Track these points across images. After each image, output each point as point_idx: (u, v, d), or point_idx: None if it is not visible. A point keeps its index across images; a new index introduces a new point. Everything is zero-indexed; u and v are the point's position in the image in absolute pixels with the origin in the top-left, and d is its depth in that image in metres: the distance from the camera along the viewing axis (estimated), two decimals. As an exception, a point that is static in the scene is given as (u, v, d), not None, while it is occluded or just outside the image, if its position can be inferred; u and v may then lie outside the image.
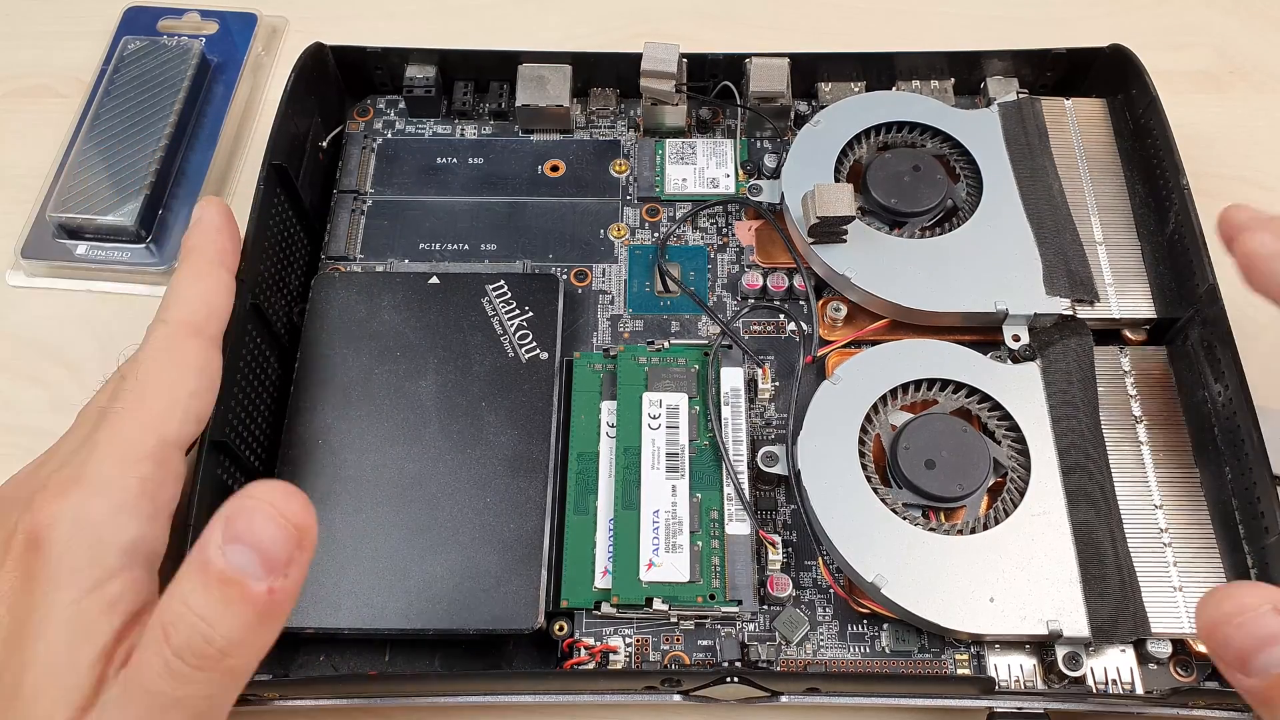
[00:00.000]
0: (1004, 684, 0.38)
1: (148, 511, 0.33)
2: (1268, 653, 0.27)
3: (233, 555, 0.26)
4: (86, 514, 0.31)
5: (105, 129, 0.51)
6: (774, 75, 0.49)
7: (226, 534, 0.27)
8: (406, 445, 0.41)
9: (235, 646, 0.27)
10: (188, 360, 0.36)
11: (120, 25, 0.56)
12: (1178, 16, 0.58)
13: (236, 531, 0.27)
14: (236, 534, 0.27)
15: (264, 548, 0.27)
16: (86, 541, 0.31)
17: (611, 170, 0.50)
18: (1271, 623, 0.27)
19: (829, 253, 0.44)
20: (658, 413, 0.42)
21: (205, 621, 0.26)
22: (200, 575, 0.27)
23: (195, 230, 0.39)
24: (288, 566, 0.27)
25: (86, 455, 0.33)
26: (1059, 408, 0.41)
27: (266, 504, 0.27)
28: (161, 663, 0.27)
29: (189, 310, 0.37)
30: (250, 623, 0.27)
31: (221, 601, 0.26)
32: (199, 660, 0.27)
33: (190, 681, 0.27)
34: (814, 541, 0.40)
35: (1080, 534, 0.38)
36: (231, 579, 0.26)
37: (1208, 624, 0.29)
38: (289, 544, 0.27)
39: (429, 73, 0.51)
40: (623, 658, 0.38)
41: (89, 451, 0.33)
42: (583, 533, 0.40)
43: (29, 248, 0.49)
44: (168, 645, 0.27)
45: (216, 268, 0.38)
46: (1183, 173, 0.43)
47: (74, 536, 0.31)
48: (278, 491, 0.27)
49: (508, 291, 0.44)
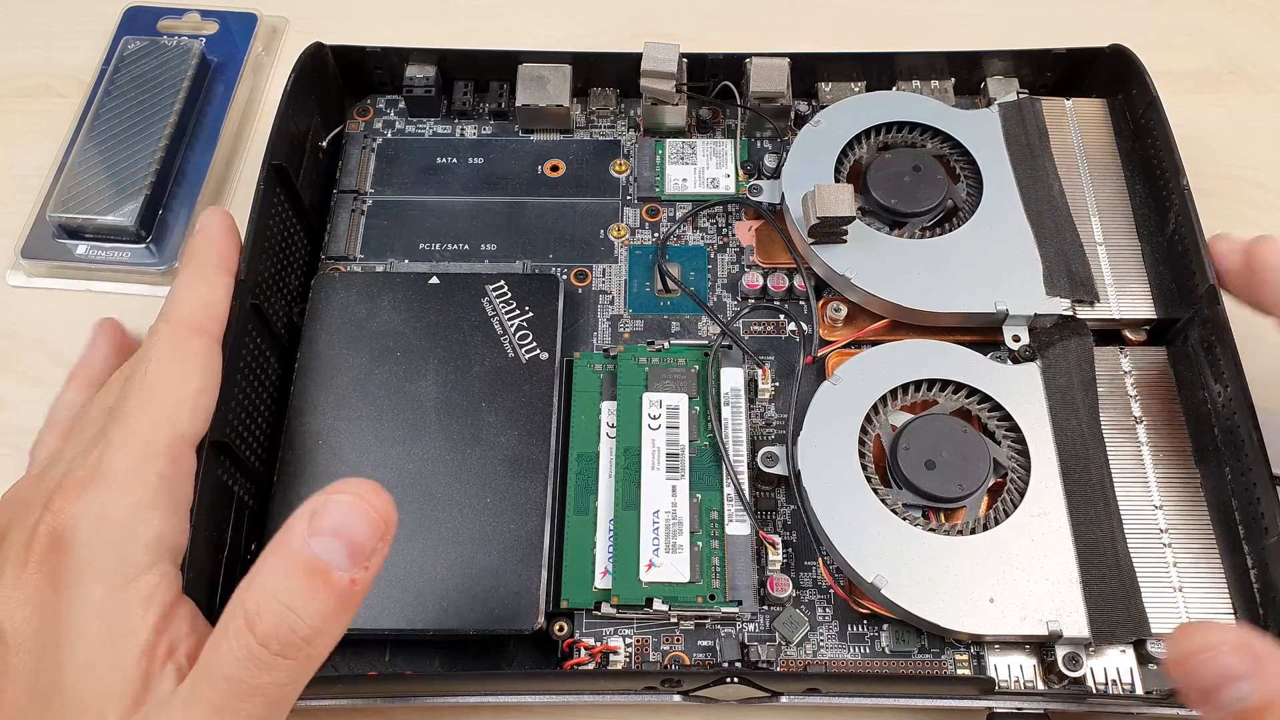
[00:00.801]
0: (1004, 684, 0.38)
1: (169, 506, 0.33)
2: (1230, 688, 0.29)
3: (320, 546, 0.27)
4: (110, 511, 0.32)
5: (105, 129, 0.51)
6: (774, 75, 0.49)
7: (313, 526, 0.28)
8: (406, 445, 0.41)
9: (318, 635, 0.28)
10: (193, 358, 0.36)
11: (120, 25, 0.56)
12: (1178, 16, 0.58)
13: (324, 524, 0.28)
14: (324, 526, 0.28)
15: (353, 538, 0.28)
16: (113, 538, 0.31)
17: (611, 170, 0.50)
18: (1232, 661, 0.29)
19: (829, 253, 0.44)
20: (658, 413, 0.42)
21: (292, 610, 0.27)
22: (287, 565, 0.28)
23: (199, 237, 0.40)
24: (370, 557, 0.28)
25: (102, 453, 0.33)
26: (1059, 408, 0.41)
27: (357, 497, 0.28)
28: (245, 651, 0.27)
29: (191, 311, 0.38)
30: (332, 612, 0.28)
31: (308, 590, 0.27)
32: (284, 648, 0.27)
33: (273, 669, 0.28)
34: (814, 542, 0.40)
35: (1080, 534, 0.38)
36: (318, 568, 0.27)
37: (1174, 659, 0.30)
38: (375, 535, 0.28)
39: (429, 73, 0.51)
40: (623, 658, 0.38)
41: (104, 449, 0.33)
42: (583, 533, 0.40)
43: (29, 248, 0.49)
44: (252, 634, 0.27)
45: (218, 272, 0.39)
46: (1183, 173, 0.43)
47: (100, 534, 0.31)
48: (365, 486, 0.28)
49: (508, 291, 0.44)
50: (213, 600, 0.37)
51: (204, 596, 0.36)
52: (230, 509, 0.38)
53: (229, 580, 0.38)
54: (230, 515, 0.38)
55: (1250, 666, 0.29)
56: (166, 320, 0.37)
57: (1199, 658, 0.29)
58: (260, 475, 0.40)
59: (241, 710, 0.28)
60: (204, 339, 0.37)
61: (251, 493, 0.40)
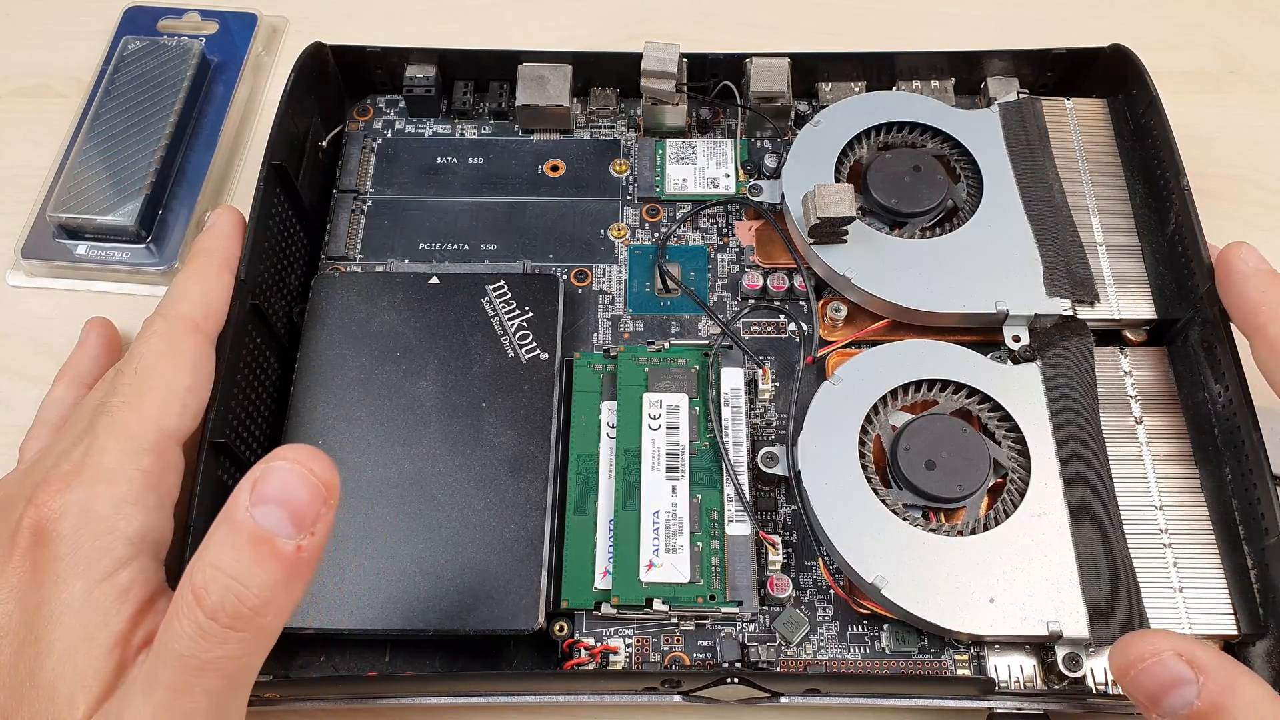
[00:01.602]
0: (1004, 685, 0.38)
1: (152, 502, 0.33)
2: (1174, 694, 0.29)
3: (262, 515, 0.27)
4: (93, 505, 0.32)
5: (105, 129, 0.51)
6: (774, 75, 0.49)
7: (255, 496, 0.27)
8: (406, 445, 0.41)
9: (267, 605, 0.27)
10: (185, 355, 0.36)
11: (120, 25, 0.56)
12: (1178, 16, 0.58)
13: (265, 493, 0.27)
14: (265, 495, 0.27)
15: (293, 506, 0.27)
16: (95, 532, 0.31)
17: (611, 170, 0.50)
18: (1175, 667, 0.29)
19: (829, 253, 0.44)
20: (658, 413, 0.42)
21: (238, 581, 0.27)
22: (231, 537, 0.27)
23: (208, 234, 0.41)
24: (315, 524, 0.28)
25: (88, 448, 0.33)
26: (1059, 408, 0.41)
27: (294, 463, 0.27)
28: (194, 626, 0.27)
29: (189, 307, 0.38)
30: (281, 580, 0.27)
31: (253, 560, 0.27)
32: (233, 620, 0.27)
33: (224, 642, 0.27)
34: (814, 542, 0.40)
35: (1080, 535, 0.38)
36: (262, 538, 0.27)
37: (1118, 668, 0.31)
38: (316, 500, 0.27)
39: (429, 72, 0.51)
40: (623, 658, 0.38)
41: (90, 444, 0.33)
42: (583, 533, 0.40)
43: (29, 248, 0.49)
44: (200, 608, 0.27)
45: (222, 271, 0.40)
46: (1183, 173, 0.43)
47: (82, 528, 0.31)
48: (303, 452, 0.28)
49: (508, 292, 0.44)
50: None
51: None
52: None
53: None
54: None
55: (1191, 672, 0.29)
56: (163, 315, 0.37)
57: (1140, 666, 0.30)
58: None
59: (198, 686, 0.28)
60: (198, 336, 0.37)
61: (251, 493, 0.40)
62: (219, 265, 0.39)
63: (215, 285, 0.39)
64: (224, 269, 0.40)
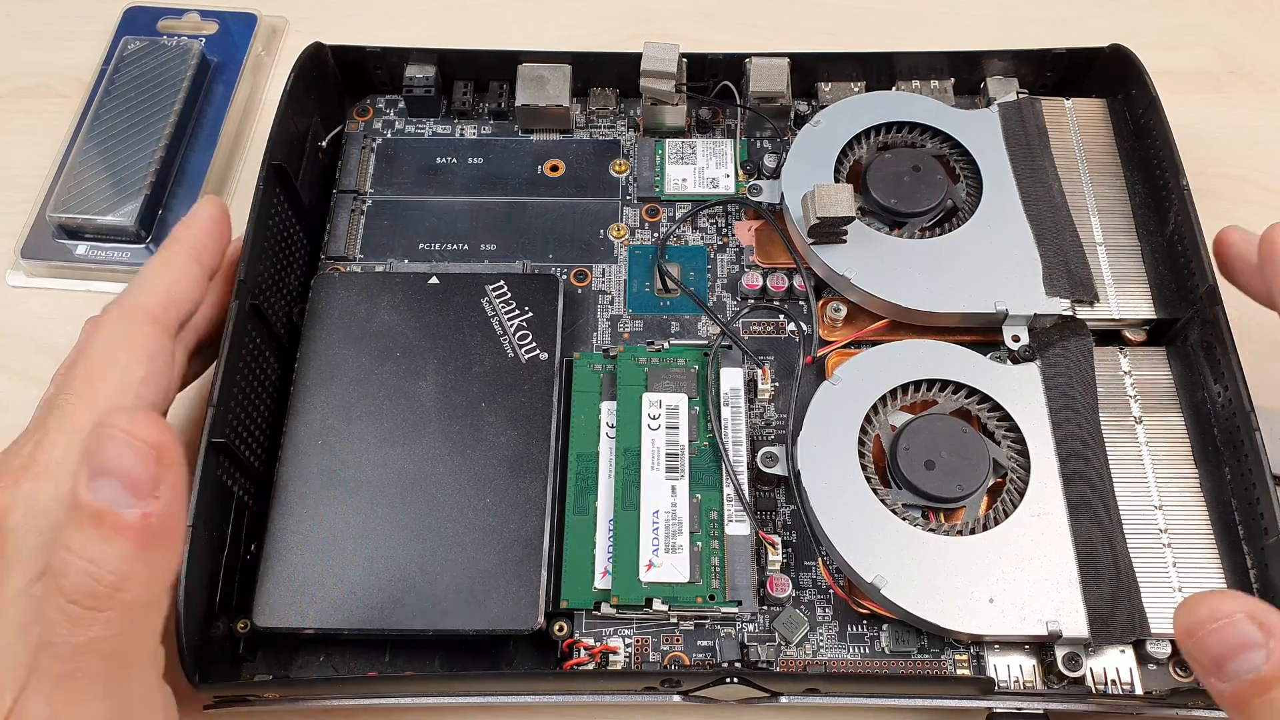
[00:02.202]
0: (1003, 684, 0.38)
1: None
2: (1241, 658, 0.28)
3: (98, 490, 0.26)
4: (37, 501, 0.31)
5: (105, 129, 0.51)
6: (774, 75, 0.49)
7: (89, 471, 0.27)
8: (406, 445, 0.41)
9: (124, 579, 0.27)
10: (139, 346, 0.35)
11: (120, 25, 0.56)
12: (1178, 16, 0.58)
13: (97, 466, 0.27)
14: (97, 468, 0.27)
15: (127, 473, 0.27)
16: (37, 528, 0.31)
17: (611, 170, 0.50)
18: (1245, 630, 0.28)
19: (829, 253, 0.44)
20: (657, 413, 0.42)
21: (89, 560, 0.27)
22: (75, 518, 0.27)
23: (182, 223, 0.39)
24: (155, 488, 0.27)
25: (37, 443, 0.32)
26: (1059, 408, 0.41)
27: (118, 430, 0.27)
28: (60, 613, 0.27)
29: (148, 296, 0.36)
30: (132, 552, 0.27)
31: (99, 538, 0.27)
32: (92, 600, 0.27)
33: (90, 624, 0.27)
34: (814, 542, 0.40)
35: (1080, 534, 0.38)
36: (102, 512, 0.26)
37: (1184, 629, 0.30)
38: (147, 464, 0.27)
39: (429, 73, 0.51)
40: (622, 658, 0.38)
41: (40, 439, 0.33)
42: (582, 533, 0.40)
43: (29, 248, 0.49)
44: (61, 594, 0.27)
45: (189, 261, 0.38)
46: (1183, 173, 0.43)
47: (26, 524, 0.31)
48: (125, 415, 0.27)
49: (508, 292, 0.44)
50: (213, 599, 0.37)
51: (204, 596, 0.36)
52: (230, 509, 0.38)
53: (229, 580, 0.38)
54: (230, 515, 0.38)
55: (1261, 636, 0.28)
56: (119, 304, 0.36)
57: (1211, 628, 0.29)
58: (260, 475, 0.40)
59: (79, 672, 0.27)
60: (154, 326, 0.36)
61: (251, 493, 0.40)
62: (187, 255, 0.38)
63: (180, 275, 0.37)
64: (192, 260, 0.38)
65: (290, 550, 0.38)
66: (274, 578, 0.38)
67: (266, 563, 0.38)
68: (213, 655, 0.37)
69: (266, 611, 0.37)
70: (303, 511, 0.39)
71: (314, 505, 0.39)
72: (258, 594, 0.38)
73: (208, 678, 0.35)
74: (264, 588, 0.38)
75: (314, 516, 0.39)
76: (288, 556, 0.38)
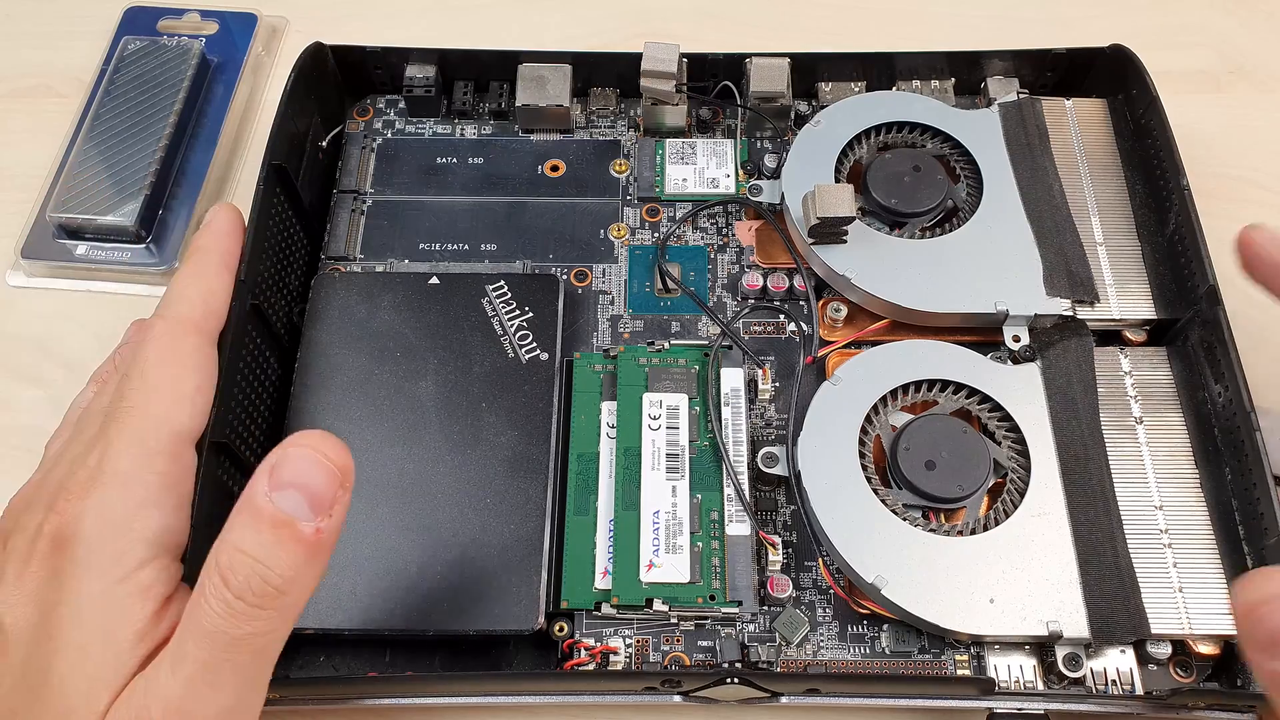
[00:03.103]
0: (1004, 685, 0.38)
1: (170, 503, 0.34)
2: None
3: (281, 500, 0.28)
4: (111, 509, 0.32)
5: (105, 129, 0.51)
6: (774, 75, 0.49)
7: (273, 481, 0.28)
8: (406, 445, 0.41)
9: (290, 584, 0.29)
10: (188, 356, 0.37)
11: (120, 25, 0.56)
12: (1178, 16, 0.58)
13: (283, 478, 0.28)
14: (283, 480, 0.28)
15: (311, 489, 0.28)
16: (113, 535, 0.32)
17: (611, 170, 0.50)
18: None
19: (829, 253, 0.44)
20: (658, 413, 0.42)
21: (262, 563, 0.28)
22: (253, 522, 0.28)
23: (205, 232, 0.41)
24: (332, 506, 0.29)
25: (103, 453, 0.33)
26: (1059, 409, 0.41)
27: (310, 449, 0.29)
28: (223, 604, 0.28)
29: (189, 308, 0.38)
30: (302, 561, 0.29)
31: (275, 543, 0.28)
32: (259, 599, 0.28)
33: (251, 620, 0.28)
34: (814, 542, 0.40)
35: (1080, 535, 0.38)
36: (283, 521, 0.28)
37: (1245, 605, 0.29)
38: (332, 484, 0.29)
39: (429, 72, 0.51)
40: (623, 658, 0.38)
41: (104, 449, 0.34)
42: (583, 533, 0.40)
43: (29, 248, 0.49)
44: (228, 588, 0.28)
45: (220, 269, 0.40)
46: (1183, 173, 0.43)
47: (101, 531, 0.32)
48: (317, 437, 0.29)
49: (508, 292, 0.44)
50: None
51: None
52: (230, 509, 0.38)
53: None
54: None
55: None
56: (163, 317, 0.37)
57: (1268, 606, 0.28)
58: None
59: (227, 661, 0.29)
60: (199, 337, 0.37)
61: (251, 493, 0.40)
62: (217, 264, 0.39)
63: (214, 284, 0.39)
64: (222, 268, 0.39)
65: (290, 550, 0.38)
66: (274, 578, 0.38)
67: (267, 563, 0.38)
68: (213, 655, 0.36)
69: (267, 612, 0.37)
70: (303, 512, 0.39)
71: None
72: (258, 594, 0.38)
73: (208, 678, 0.35)
74: (264, 588, 0.38)
75: (314, 517, 0.39)
76: (288, 557, 0.38)
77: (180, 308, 0.38)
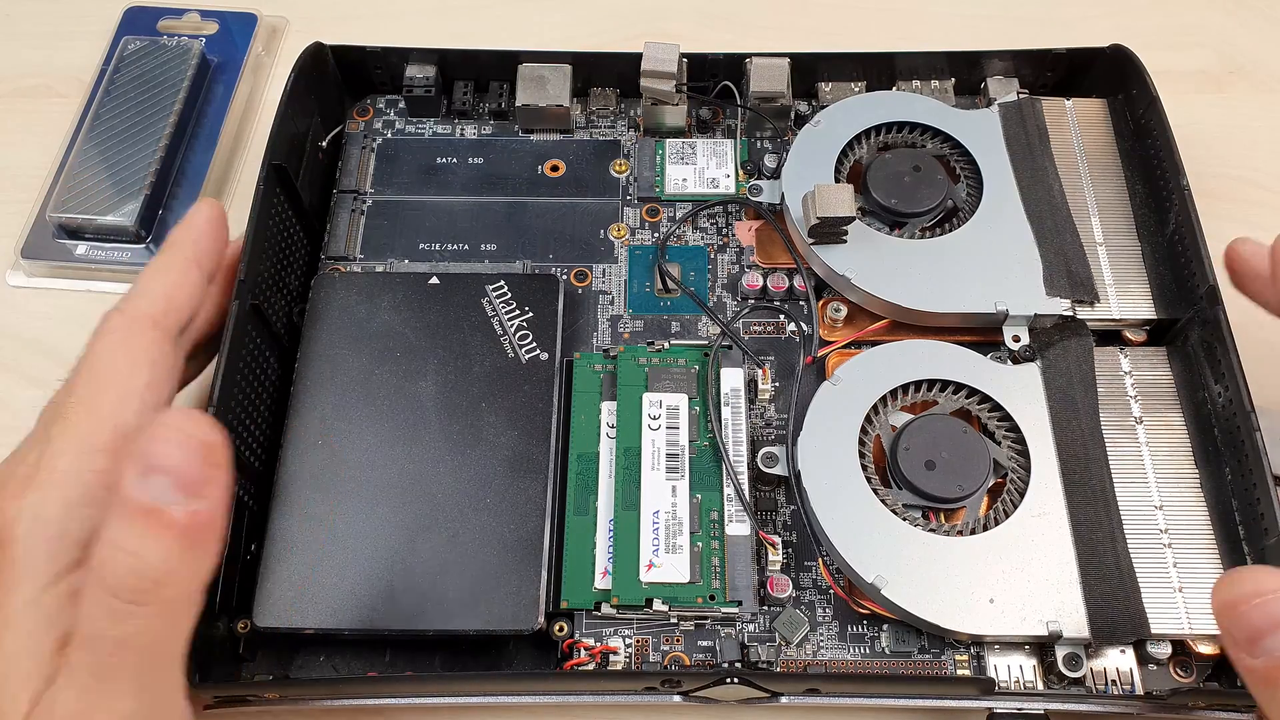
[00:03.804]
0: (1004, 685, 0.38)
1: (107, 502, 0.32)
2: (1276, 635, 0.28)
3: (148, 487, 0.27)
4: (44, 510, 0.31)
5: (105, 129, 0.51)
6: (774, 75, 0.49)
7: (138, 469, 0.27)
8: (406, 445, 0.40)
9: (168, 575, 0.27)
10: (142, 352, 0.35)
11: (120, 25, 0.56)
12: (1178, 16, 0.58)
13: (147, 463, 0.27)
14: (147, 466, 0.27)
15: (177, 472, 0.27)
16: (44, 537, 0.31)
17: (611, 170, 0.50)
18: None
19: (829, 253, 0.44)
20: (658, 413, 0.42)
21: (134, 555, 0.27)
22: (121, 513, 0.27)
23: (178, 226, 0.39)
24: (203, 487, 0.27)
25: (42, 452, 0.32)
26: (1059, 408, 0.41)
27: (174, 428, 0.27)
28: (102, 606, 0.27)
29: (149, 302, 0.36)
30: (176, 549, 0.27)
31: (146, 533, 0.27)
32: (135, 594, 0.27)
33: (131, 618, 0.27)
34: (814, 542, 0.40)
35: (1080, 535, 0.38)
36: (150, 509, 0.27)
37: (1223, 603, 0.29)
38: (199, 463, 0.27)
39: (429, 72, 0.51)
40: (623, 658, 0.38)
41: (45, 447, 0.33)
42: (583, 533, 0.40)
43: (29, 248, 0.49)
44: (103, 587, 0.27)
45: (188, 264, 0.38)
46: (1183, 173, 0.43)
47: (32, 533, 0.31)
48: (181, 416, 0.27)
49: (508, 292, 0.44)
50: (213, 599, 0.37)
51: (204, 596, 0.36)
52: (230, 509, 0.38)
53: (229, 580, 0.38)
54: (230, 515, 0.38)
55: None
56: (120, 311, 0.36)
57: (1253, 602, 0.29)
58: (260, 475, 0.40)
59: (115, 667, 0.28)
60: (156, 332, 0.36)
61: (251, 493, 0.40)
62: (186, 259, 0.38)
63: (179, 280, 0.37)
64: (190, 263, 0.38)
65: (290, 550, 0.38)
66: (274, 578, 0.38)
67: (266, 563, 0.38)
68: (213, 655, 0.37)
69: (266, 611, 0.37)
70: (303, 511, 0.39)
71: (314, 505, 0.39)
72: (258, 594, 0.38)
73: (208, 678, 0.35)
74: (264, 588, 0.38)
75: (314, 516, 0.39)
76: (288, 556, 0.38)
77: (139, 302, 0.36)
